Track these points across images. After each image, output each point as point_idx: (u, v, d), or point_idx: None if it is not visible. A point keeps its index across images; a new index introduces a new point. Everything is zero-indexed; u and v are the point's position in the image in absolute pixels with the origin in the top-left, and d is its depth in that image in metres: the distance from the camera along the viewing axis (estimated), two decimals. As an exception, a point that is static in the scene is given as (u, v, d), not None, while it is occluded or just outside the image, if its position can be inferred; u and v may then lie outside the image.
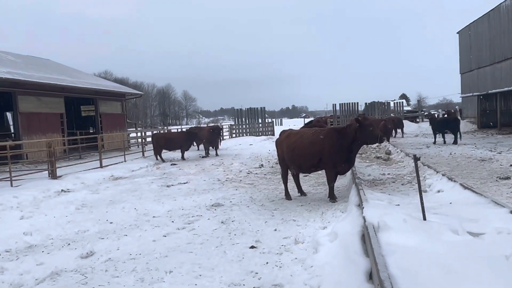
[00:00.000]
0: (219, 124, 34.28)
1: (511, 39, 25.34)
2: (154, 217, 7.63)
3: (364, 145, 18.38)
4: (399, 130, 26.68)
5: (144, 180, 12.51)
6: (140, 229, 6.81)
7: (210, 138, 19.49)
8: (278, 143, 9.17)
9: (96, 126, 25.65)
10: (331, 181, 8.24)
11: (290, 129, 9.70)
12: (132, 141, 27.51)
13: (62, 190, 10.93)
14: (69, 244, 6.16)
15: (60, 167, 14.14)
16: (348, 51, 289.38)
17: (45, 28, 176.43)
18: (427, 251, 3.79)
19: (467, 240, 4.13)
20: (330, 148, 7.99)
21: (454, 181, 7.56)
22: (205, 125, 40.32)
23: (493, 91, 27.51)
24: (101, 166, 15.42)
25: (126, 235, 6.45)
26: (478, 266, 3.45)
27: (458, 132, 19.05)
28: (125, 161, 17.32)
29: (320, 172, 10.10)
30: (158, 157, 18.13)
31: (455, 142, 18.72)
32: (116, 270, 4.94)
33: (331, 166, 8.15)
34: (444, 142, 19.43)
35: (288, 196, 8.73)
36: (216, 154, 19.65)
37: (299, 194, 8.99)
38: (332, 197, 8.17)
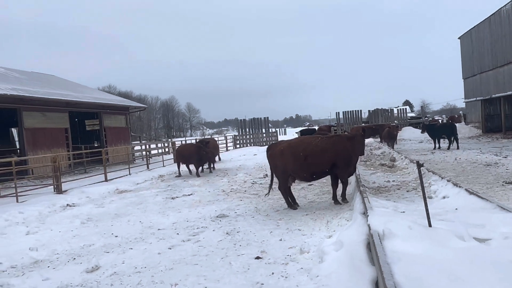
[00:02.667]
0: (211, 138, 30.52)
1: (512, 43, 25.32)
2: (159, 229, 7.62)
3: (369, 152, 18.52)
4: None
5: (149, 192, 12.52)
6: (145, 242, 6.81)
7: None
8: (276, 155, 8.85)
9: (100, 140, 25.77)
10: (346, 183, 8.93)
11: (281, 140, 9.50)
12: (137, 154, 27.60)
13: (67, 205, 10.96)
14: (74, 258, 6.16)
15: (65, 181, 14.20)
16: (351, 58, 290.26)
17: (50, 45, 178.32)
18: (433, 258, 3.77)
19: (474, 246, 4.09)
20: (344, 153, 8.50)
21: (460, 186, 7.50)
22: (210, 137, 40.33)
23: (497, 95, 27.45)
24: (106, 180, 15.46)
25: (131, 248, 6.44)
26: (484, 272, 3.42)
27: (454, 137, 19.12)
28: (129, 174, 17.36)
29: (324, 181, 10.10)
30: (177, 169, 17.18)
31: (449, 148, 18.88)
32: (122, 284, 4.93)
33: (345, 170, 8.68)
34: (439, 148, 19.52)
35: (292, 206, 8.68)
36: (210, 171, 17.52)
37: (295, 205, 8.80)
38: (344, 198, 8.71)
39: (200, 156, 16.28)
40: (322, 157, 8.50)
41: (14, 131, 26.01)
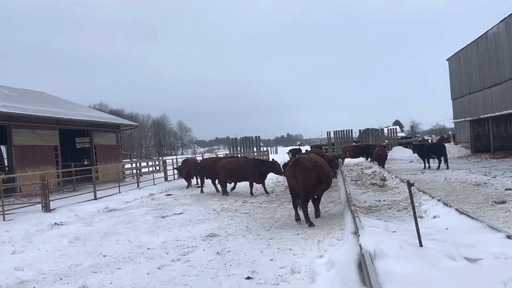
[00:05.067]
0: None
1: (499, 64, 25.87)
2: (148, 249, 7.52)
3: (360, 172, 18.60)
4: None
5: (138, 211, 12.39)
6: (134, 261, 6.70)
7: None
8: (312, 167, 8.87)
9: (90, 157, 25.57)
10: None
11: (300, 157, 9.58)
12: (127, 172, 27.38)
13: (55, 223, 10.79)
14: (61, 278, 6.03)
15: (54, 199, 13.99)
16: (342, 79, 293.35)
17: (41, 62, 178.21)
18: (425, 278, 3.76)
19: (464, 266, 4.09)
20: None
21: (450, 206, 7.54)
22: (192, 156, 40.16)
23: (485, 116, 27.86)
24: (95, 198, 15.27)
25: (120, 268, 6.33)
26: (476, 293, 3.41)
27: (443, 157, 19.34)
28: (119, 192, 17.18)
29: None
30: (219, 188, 15.78)
31: (438, 167, 19.06)
32: (109, 305, 4.83)
33: None
34: (429, 167, 19.68)
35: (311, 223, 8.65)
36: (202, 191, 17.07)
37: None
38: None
39: (263, 171, 14.60)
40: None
41: (3, 148, 25.72)
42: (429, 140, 45.63)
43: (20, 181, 17.29)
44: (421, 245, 4.74)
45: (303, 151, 25.20)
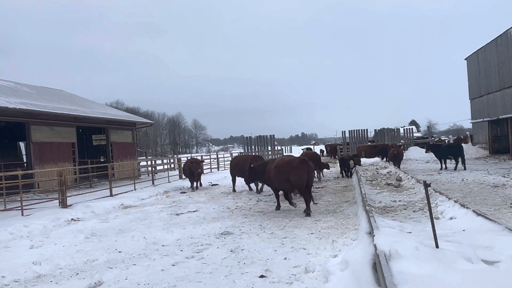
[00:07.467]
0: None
1: (519, 64, 25.35)
2: (163, 246, 7.58)
3: (375, 172, 18.44)
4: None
5: (153, 208, 12.49)
6: (149, 258, 6.77)
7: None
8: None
9: (107, 155, 25.88)
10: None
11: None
12: (142, 169, 27.64)
13: (72, 219, 10.95)
14: (77, 273, 6.12)
15: (71, 196, 14.20)
16: (359, 78, 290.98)
17: (60, 61, 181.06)
18: (441, 280, 3.71)
19: (482, 269, 4.02)
20: None
21: (467, 207, 7.42)
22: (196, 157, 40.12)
23: (504, 116, 27.32)
24: (111, 195, 15.45)
25: (135, 264, 6.40)
26: (493, 296, 3.35)
27: (461, 158, 18.98)
28: (135, 189, 17.36)
29: (330, 199, 10.06)
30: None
31: (455, 168, 18.70)
32: (124, 300, 4.88)
33: None
34: (446, 168, 19.35)
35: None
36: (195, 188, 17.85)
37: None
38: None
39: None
40: None
41: (22, 144, 26.19)
42: (446, 141, 45.00)
43: (38, 177, 17.61)
44: (437, 246, 4.68)
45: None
